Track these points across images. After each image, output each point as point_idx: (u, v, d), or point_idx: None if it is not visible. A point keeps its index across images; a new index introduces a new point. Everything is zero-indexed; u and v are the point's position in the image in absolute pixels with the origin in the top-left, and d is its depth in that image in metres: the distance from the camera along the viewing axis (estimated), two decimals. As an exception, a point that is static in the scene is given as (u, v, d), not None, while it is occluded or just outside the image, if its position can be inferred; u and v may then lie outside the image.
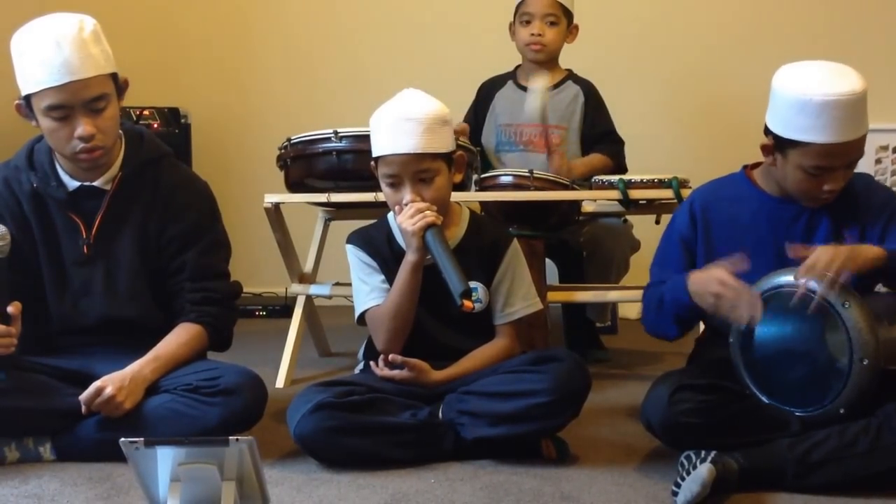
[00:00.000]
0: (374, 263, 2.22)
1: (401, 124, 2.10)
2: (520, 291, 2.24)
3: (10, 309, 1.98)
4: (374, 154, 2.17)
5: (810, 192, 2.02)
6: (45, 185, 2.16)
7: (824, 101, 1.91)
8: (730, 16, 4.19)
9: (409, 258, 2.13)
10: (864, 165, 3.89)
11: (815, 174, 1.98)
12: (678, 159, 3.94)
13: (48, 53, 2.00)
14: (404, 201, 2.12)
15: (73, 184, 2.16)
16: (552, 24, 3.19)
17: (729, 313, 1.94)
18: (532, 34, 3.19)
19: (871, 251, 1.91)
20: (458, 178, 2.25)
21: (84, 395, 2.03)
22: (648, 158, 3.71)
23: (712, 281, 1.95)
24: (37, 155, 2.18)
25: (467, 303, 2.03)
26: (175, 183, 2.23)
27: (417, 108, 2.12)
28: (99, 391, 2.02)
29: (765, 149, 2.05)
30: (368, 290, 2.21)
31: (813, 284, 1.87)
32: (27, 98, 2.06)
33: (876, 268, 1.90)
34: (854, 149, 1.97)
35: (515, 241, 2.29)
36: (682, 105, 4.26)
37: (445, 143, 2.15)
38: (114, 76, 2.10)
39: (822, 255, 1.87)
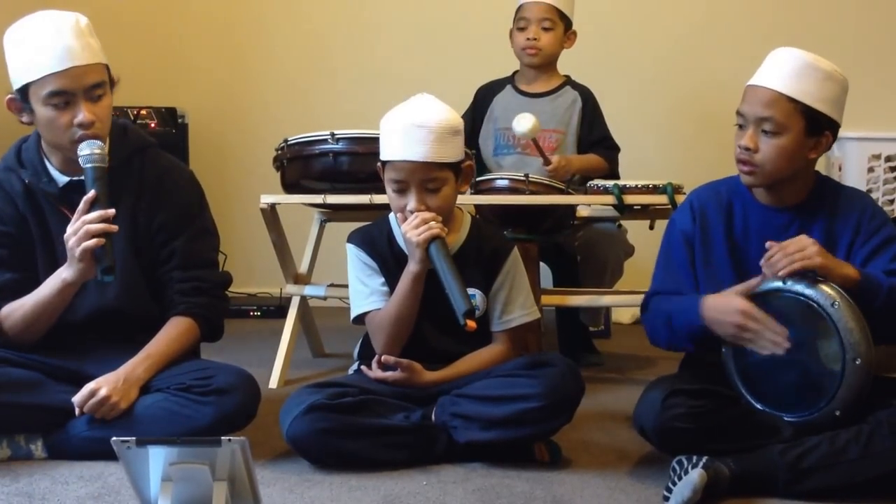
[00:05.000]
0: (374, 264, 2.22)
1: (412, 131, 2.09)
2: (518, 299, 2.24)
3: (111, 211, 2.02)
4: (383, 158, 2.16)
5: None
6: (37, 181, 2.16)
7: None
8: (734, 24, 4.19)
9: (412, 268, 2.12)
10: (856, 175, 3.91)
11: None
12: (673, 165, 3.95)
13: (50, 40, 2.03)
14: (409, 208, 2.12)
15: (62, 179, 2.17)
16: (547, 29, 3.20)
17: (752, 345, 1.93)
18: (528, 38, 3.20)
19: (846, 269, 1.90)
20: (464, 188, 2.24)
21: (77, 398, 2.03)
22: (644, 163, 3.73)
23: (733, 311, 1.93)
24: (25, 153, 2.19)
25: (471, 322, 2.02)
26: (161, 172, 2.24)
27: (430, 115, 2.10)
28: (93, 393, 2.02)
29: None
30: (368, 293, 2.20)
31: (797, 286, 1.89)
32: (23, 89, 2.07)
33: (846, 287, 1.88)
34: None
35: (516, 248, 2.29)
36: (678, 111, 4.26)
37: (455, 153, 2.14)
38: (107, 68, 2.13)
39: (804, 239, 1.89)
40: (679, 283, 2.10)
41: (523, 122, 2.91)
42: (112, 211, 2.02)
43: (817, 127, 2.01)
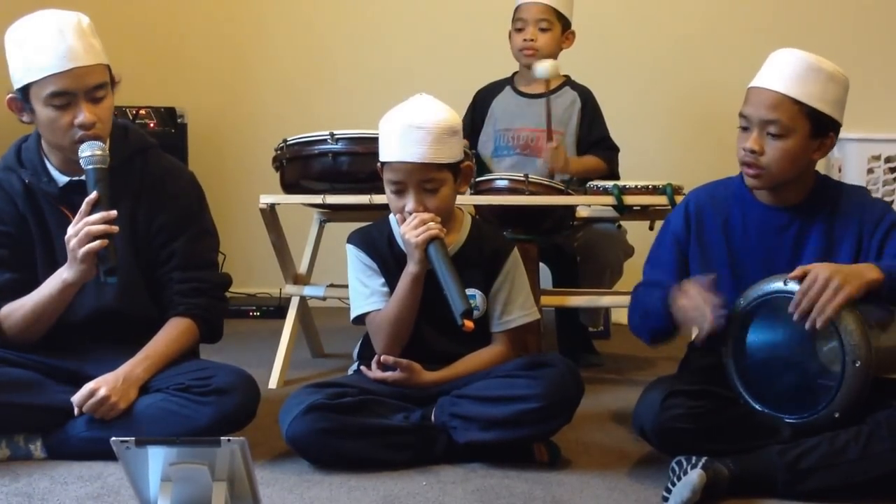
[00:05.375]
0: (374, 265, 2.22)
1: (410, 132, 2.08)
2: (518, 300, 2.24)
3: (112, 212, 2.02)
4: (382, 159, 2.16)
5: None
6: (37, 181, 2.16)
7: None
8: (734, 24, 4.19)
9: (411, 269, 2.12)
10: (856, 176, 3.91)
11: None
12: (673, 165, 3.95)
13: (52, 41, 2.03)
14: (407, 209, 2.12)
15: (62, 179, 2.17)
16: (544, 29, 3.21)
17: (687, 321, 1.95)
18: (525, 39, 3.21)
19: (869, 273, 1.88)
20: (463, 188, 2.24)
21: (77, 397, 2.03)
22: (644, 163, 3.73)
23: (680, 292, 1.96)
24: (25, 153, 2.19)
25: (468, 322, 2.02)
26: (162, 173, 2.24)
27: (428, 116, 2.10)
28: (92, 393, 2.02)
29: None
30: (368, 294, 2.21)
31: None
32: (24, 89, 2.07)
33: (872, 290, 1.87)
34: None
35: (516, 249, 2.29)
36: (678, 112, 4.26)
37: (453, 154, 2.14)
38: (109, 68, 2.13)
39: (820, 277, 1.85)
40: (663, 279, 2.11)
41: (542, 67, 2.99)
42: (114, 212, 2.02)
43: (822, 128, 2.01)
